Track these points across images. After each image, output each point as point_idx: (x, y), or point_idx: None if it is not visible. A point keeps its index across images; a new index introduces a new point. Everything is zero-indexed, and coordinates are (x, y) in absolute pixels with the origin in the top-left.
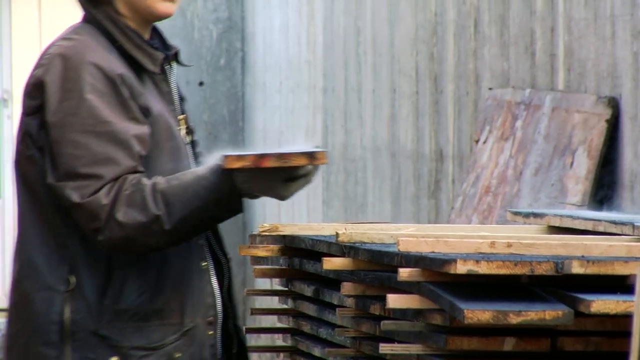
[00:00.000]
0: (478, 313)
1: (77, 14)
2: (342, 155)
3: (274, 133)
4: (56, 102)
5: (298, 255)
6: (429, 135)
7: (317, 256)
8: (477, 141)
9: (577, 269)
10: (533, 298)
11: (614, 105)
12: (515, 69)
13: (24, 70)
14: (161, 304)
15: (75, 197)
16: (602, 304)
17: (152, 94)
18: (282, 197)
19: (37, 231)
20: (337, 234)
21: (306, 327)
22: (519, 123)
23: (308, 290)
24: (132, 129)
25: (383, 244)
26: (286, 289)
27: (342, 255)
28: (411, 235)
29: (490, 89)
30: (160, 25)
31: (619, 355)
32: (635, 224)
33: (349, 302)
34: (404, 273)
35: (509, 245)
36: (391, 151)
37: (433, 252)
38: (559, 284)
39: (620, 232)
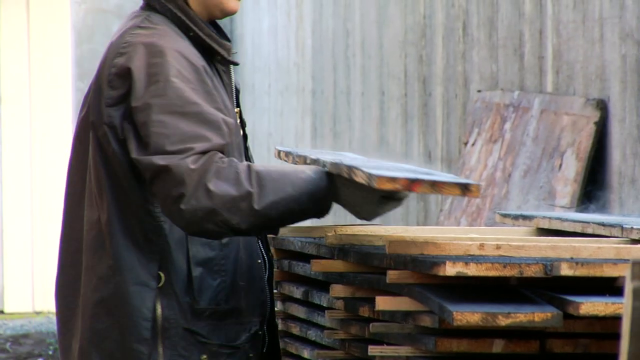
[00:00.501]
0: (467, 315)
1: (65, 17)
2: None
3: (263, 135)
4: (142, 87)
5: (287, 257)
6: (417, 138)
7: (306, 258)
8: (465, 143)
9: (566, 270)
10: (522, 300)
11: (603, 107)
12: (503, 71)
13: (12, 72)
14: (234, 303)
15: (161, 162)
16: (591, 305)
17: (221, 87)
18: (368, 214)
19: (124, 226)
20: (326, 236)
21: (295, 329)
22: (507, 125)
23: (297, 292)
24: (220, 114)
25: (372, 246)
26: (275, 290)
27: (331, 257)
28: (400, 237)
29: (479, 91)
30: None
31: (608, 357)
32: (624, 225)
33: (338, 304)
34: (393, 275)
35: (498, 247)
36: (380, 153)
37: (422, 254)
38: (548, 286)
39: (609, 234)
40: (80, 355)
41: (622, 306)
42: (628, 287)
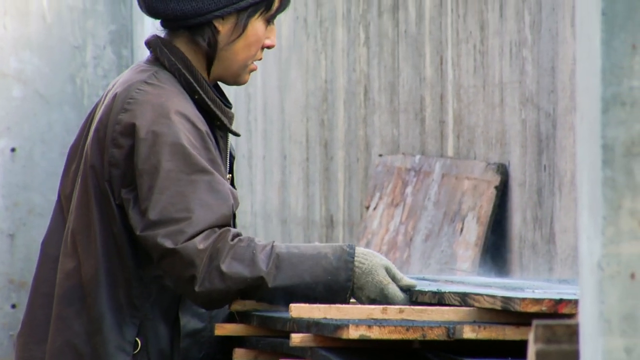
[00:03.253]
0: None
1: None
2: None
3: None
4: (147, 147)
5: None
6: (319, 202)
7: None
8: (367, 207)
9: (468, 334)
10: None
11: (503, 171)
12: (405, 135)
13: None
14: None
15: (168, 243)
16: None
17: (218, 153)
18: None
19: (110, 285)
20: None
21: None
22: (409, 189)
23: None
24: (227, 184)
25: (275, 310)
26: None
27: (235, 321)
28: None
29: (380, 155)
30: (49, 92)
31: None
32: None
33: None
34: (296, 338)
35: (401, 310)
36: (282, 218)
37: (325, 318)
38: (452, 349)
39: None
40: None
41: None
42: (531, 350)
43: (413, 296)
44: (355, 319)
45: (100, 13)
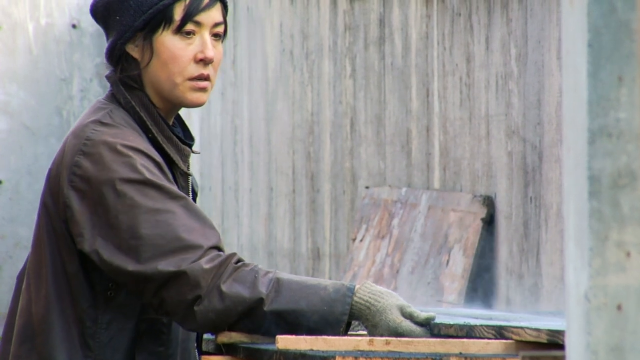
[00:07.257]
0: None
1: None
2: None
3: None
4: (112, 188)
5: None
6: (305, 234)
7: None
8: (354, 239)
9: None
10: None
11: (489, 204)
12: (391, 167)
13: None
14: None
15: (172, 268)
16: None
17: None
18: (385, 332)
19: (62, 325)
20: (216, 334)
21: None
22: (395, 221)
23: None
24: (194, 203)
25: (262, 343)
26: None
27: (221, 353)
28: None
29: (366, 187)
30: (35, 124)
31: None
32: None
33: None
34: None
35: (387, 342)
36: (268, 250)
37: (312, 350)
38: None
39: None
40: None
41: None
42: None
43: (435, 329)
44: (342, 350)
45: (87, 46)
